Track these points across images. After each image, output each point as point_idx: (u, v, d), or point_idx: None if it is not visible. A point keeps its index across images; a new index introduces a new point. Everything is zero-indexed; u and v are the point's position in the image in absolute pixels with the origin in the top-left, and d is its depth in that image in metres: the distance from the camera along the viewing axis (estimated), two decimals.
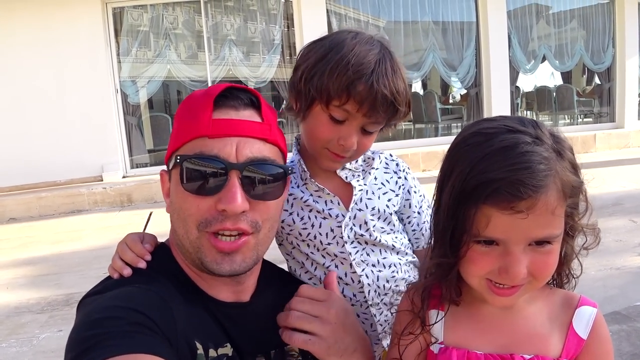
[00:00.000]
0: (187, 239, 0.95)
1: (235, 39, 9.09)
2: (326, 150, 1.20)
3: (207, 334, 0.94)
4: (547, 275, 0.86)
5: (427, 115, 11.33)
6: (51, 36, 7.87)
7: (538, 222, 0.79)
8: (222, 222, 0.92)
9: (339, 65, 1.11)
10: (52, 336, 3.45)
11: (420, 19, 9.65)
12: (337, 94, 1.11)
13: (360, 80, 1.10)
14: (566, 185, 0.80)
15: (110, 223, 6.64)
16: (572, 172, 0.82)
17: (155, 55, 8.76)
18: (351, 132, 1.16)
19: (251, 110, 0.99)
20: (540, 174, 0.77)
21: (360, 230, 1.27)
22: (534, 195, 0.77)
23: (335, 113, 1.14)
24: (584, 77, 12.90)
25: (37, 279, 4.66)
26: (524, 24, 10.14)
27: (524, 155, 0.78)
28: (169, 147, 1.00)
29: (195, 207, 0.92)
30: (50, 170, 7.89)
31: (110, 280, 0.97)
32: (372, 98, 1.11)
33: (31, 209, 7.32)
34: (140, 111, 9.00)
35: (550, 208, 0.79)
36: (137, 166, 8.84)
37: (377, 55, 1.14)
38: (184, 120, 0.98)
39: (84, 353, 0.75)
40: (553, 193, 0.79)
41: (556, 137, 0.84)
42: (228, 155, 0.92)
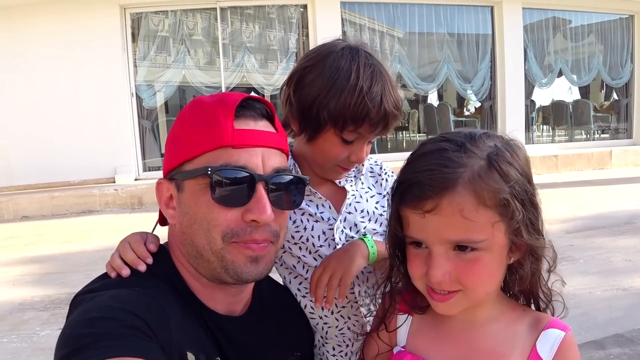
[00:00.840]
0: (209, 249, 0.94)
1: (251, 46, 9.17)
2: (337, 167, 1.26)
3: (200, 345, 0.94)
4: (475, 284, 0.84)
5: (441, 127, 11.28)
6: (70, 40, 8.04)
7: (447, 224, 0.80)
8: (251, 234, 0.93)
9: (353, 96, 1.15)
10: (52, 334, 3.49)
11: (436, 30, 9.65)
12: (353, 121, 1.17)
13: (374, 107, 1.16)
14: (486, 193, 0.80)
15: (119, 225, 6.71)
16: (499, 184, 0.80)
17: (172, 60, 8.87)
18: (362, 149, 1.23)
19: (266, 121, 1.00)
20: (442, 175, 0.80)
21: (351, 232, 1.30)
22: (434, 196, 0.80)
23: (349, 136, 1.20)
24: (602, 92, 12.75)
25: (44, 277, 4.72)
26: (540, 38, 10.08)
27: (433, 159, 0.83)
28: (176, 155, 0.97)
29: (222, 217, 0.92)
30: (65, 170, 8.03)
31: (108, 280, 0.96)
32: (384, 119, 1.18)
33: (44, 207, 7.44)
34: (154, 115, 9.12)
35: (458, 211, 0.79)
36: (150, 169, 8.94)
37: (378, 76, 1.19)
38: (198, 128, 0.95)
39: (77, 351, 0.74)
40: (463, 197, 0.79)
41: (498, 149, 0.84)
42: (255, 166, 0.93)
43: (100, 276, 0.99)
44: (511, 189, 0.81)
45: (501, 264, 0.86)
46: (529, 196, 0.84)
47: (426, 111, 12.34)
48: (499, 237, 0.82)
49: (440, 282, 0.83)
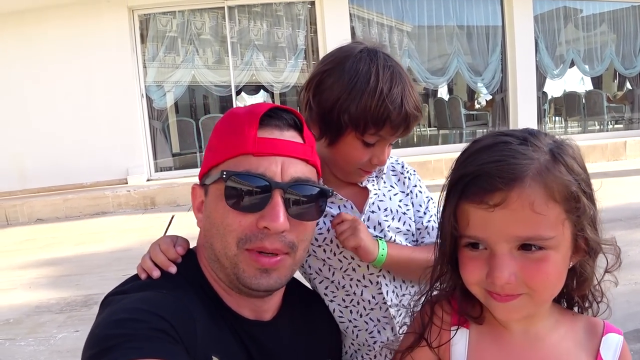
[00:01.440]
0: (224, 254, 0.95)
1: (260, 44, 9.16)
2: (359, 170, 1.26)
3: (226, 350, 0.94)
4: (543, 285, 0.78)
5: (452, 121, 11.20)
6: (80, 43, 8.09)
7: (516, 219, 0.75)
8: (262, 241, 0.92)
9: (373, 99, 1.15)
10: (69, 336, 3.51)
11: (445, 23, 9.56)
12: (375, 124, 1.17)
13: (395, 109, 1.16)
14: (556, 186, 0.75)
15: (132, 225, 6.74)
16: (568, 177, 0.77)
17: (181, 60, 8.90)
18: (383, 151, 1.23)
19: (294, 132, 1.00)
20: (512, 167, 0.75)
21: (375, 231, 1.29)
22: (504, 187, 0.75)
23: (370, 139, 1.20)
24: (615, 82, 12.58)
25: (59, 279, 4.76)
26: (551, 28, 9.94)
27: (498, 151, 0.78)
28: (207, 162, 1.00)
29: (237, 222, 0.93)
30: (77, 172, 8.10)
31: (137, 282, 0.97)
32: (405, 121, 1.18)
33: (57, 210, 7.50)
34: (165, 115, 9.15)
35: (528, 204, 0.74)
36: (162, 170, 8.98)
37: (397, 78, 1.19)
38: (227, 136, 0.98)
39: (105, 352, 0.76)
40: (533, 190, 0.75)
41: (559, 143, 0.81)
42: (273, 174, 0.93)
43: (130, 278, 1.01)
44: (578, 183, 0.78)
45: (566, 265, 0.81)
46: (591, 191, 0.80)
47: (437, 105, 12.26)
48: (567, 235, 0.79)
49: (505, 284, 0.78)
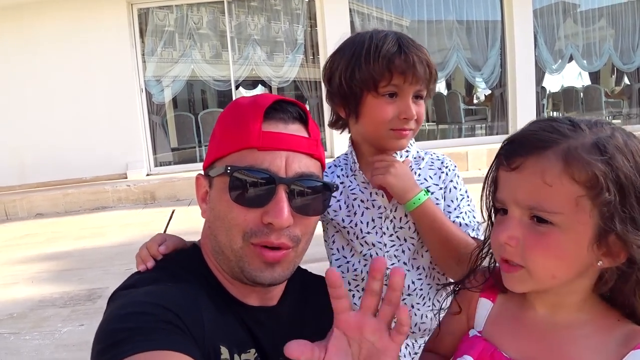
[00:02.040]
0: (229, 247, 0.95)
1: (259, 38, 9.14)
2: (391, 131, 1.25)
3: (233, 338, 0.94)
4: (537, 259, 0.78)
5: (451, 115, 11.20)
6: (79, 37, 8.05)
7: (526, 185, 0.78)
8: (267, 236, 0.92)
9: (370, 53, 1.21)
10: (74, 330, 3.53)
11: (444, 18, 9.55)
12: (381, 75, 1.20)
13: (394, 54, 1.20)
14: (578, 165, 0.74)
15: (133, 220, 6.75)
16: (597, 160, 0.74)
17: (180, 55, 8.87)
18: (407, 103, 1.23)
19: (299, 125, 0.99)
20: (540, 137, 0.78)
21: (400, 223, 1.32)
22: (524, 153, 0.78)
23: (385, 90, 1.23)
24: (613, 77, 12.59)
25: (61, 273, 4.77)
26: (550, 23, 9.94)
27: (540, 124, 0.81)
28: (211, 153, 1.00)
29: (242, 217, 0.93)
30: (77, 167, 8.09)
31: (143, 275, 0.98)
32: (410, 65, 1.20)
33: (57, 205, 7.49)
34: (164, 110, 9.13)
35: (540, 172, 0.76)
36: (161, 164, 8.97)
37: (395, 35, 1.26)
38: (231, 128, 0.97)
39: (114, 346, 0.77)
40: (550, 162, 0.76)
41: (615, 137, 0.78)
42: (278, 169, 0.92)
43: (135, 272, 1.02)
44: (609, 170, 0.74)
45: (579, 252, 0.77)
46: (636, 189, 0.75)
47: (435, 100, 12.25)
48: (583, 218, 0.76)
49: (503, 245, 0.80)
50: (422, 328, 1.35)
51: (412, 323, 1.34)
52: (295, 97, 9.91)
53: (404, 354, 1.35)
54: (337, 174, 1.40)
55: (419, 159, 1.38)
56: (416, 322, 1.34)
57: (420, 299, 1.33)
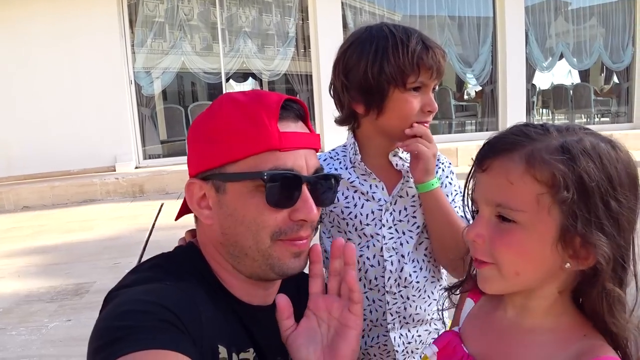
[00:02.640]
0: (256, 249, 0.96)
1: (250, 31, 9.08)
2: (414, 124, 1.28)
3: (232, 337, 0.95)
4: (502, 256, 0.80)
5: (441, 111, 11.20)
6: (68, 27, 7.92)
7: (493, 184, 0.82)
8: (298, 232, 0.96)
9: (398, 48, 1.23)
10: (61, 325, 3.49)
11: (436, 13, 9.56)
12: (411, 70, 1.23)
13: (422, 51, 1.23)
14: (539, 165, 0.77)
15: (121, 214, 6.69)
16: (559, 161, 0.76)
17: (170, 46, 8.78)
18: (430, 96, 1.28)
19: (302, 122, 1.01)
20: (507, 140, 0.83)
21: (400, 216, 1.35)
22: (492, 155, 0.83)
23: (413, 85, 1.25)
24: (602, 75, 12.69)
25: (48, 267, 4.71)
26: (541, 21, 9.99)
27: (512, 128, 0.86)
28: (216, 157, 0.96)
29: (272, 219, 0.94)
30: (64, 159, 7.98)
31: (140, 274, 0.96)
32: (436, 62, 1.24)
33: (44, 197, 7.40)
34: (153, 102, 9.05)
35: (504, 172, 0.80)
36: (150, 157, 8.89)
37: (409, 29, 1.28)
38: (243, 130, 0.94)
39: (112, 343, 0.76)
40: (514, 162, 0.80)
41: (583, 142, 0.79)
42: (301, 168, 0.95)
43: (130, 272, 1.00)
44: (570, 171, 0.76)
45: (542, 251, 0.79)
46: (601, 192, 0.76)
47: None
48: (544, 217, 0.78)
49: (472, 241, 0.85)
50: (416, 319, 1.38)
51: (407, 314, 1.37)
52: (286, 90, 9.88)
53: (398, 344, 1.37)
54: (334, 167, 1.40)
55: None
56: (411, 314, 1.37)
57: (416, 291, 1.36)
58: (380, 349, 1.39)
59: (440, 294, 1.41)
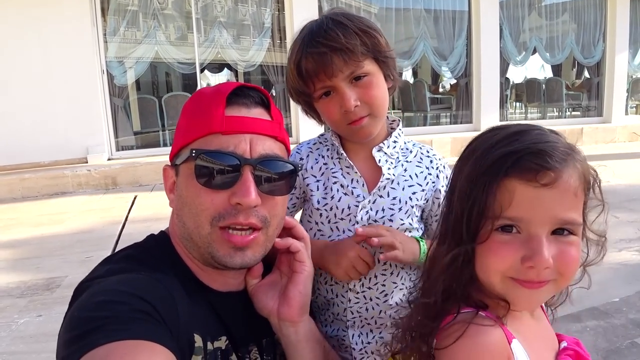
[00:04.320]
0: (197, 233, 0.96)
1: (225, 21, 8.97)
2: (348, 126, 1.23)
3: (206, 326, 0.95)
4: (571, 271, 0.78)
5: (417, 104, 11.32)
6: (37, 13, 7.67)
7: (562, 200, 0.75)
8: (235, 217, 0.94)
9: (289, 66, 1.24)
10: (31, 321, 3.42)
11: (412, 6, 9.60)
12: (304, 85, 1.21)
13: (300, 60, 1.19)
14: (586, 173, 0.78)
15: (94, 206, 6.57)
16: (587, 166, 0.80)
17: (143, 35, 8.61)
18: (343, 96, 1.19)
19: (261, 109, 1.02)
20: (561, 149, 0.77)
21: (376, 215, 1.28)
22: (559, 166, 0.75)
23: (319, 94, 1.22)
24: (574, 70, 12.95)
25: (18, 262, 4.60)
26: (515, 15, 10.13)
27: (542, 135, 0.79)
28: (177, 143, 1.01)
29: (209, 201, 0.94)
30: (35, 151, 7.77)
31: (113, 265, 0.96)
32: (318, 61, 1.17)
33: (14, 190, 7.21)
34: (126, 93, 8.88)
35: (573, 188, 0.76)
36: (123, 149, 8.73)
37: (304, 32, 1.23)
38: (195, 116, 0.99)
39: (87, 334, 0.75)
40: (575, 174, 0.76)
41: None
42: (243, 151, 0.95)
43: (101, 263, 0.99)
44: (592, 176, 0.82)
45: None
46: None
47: (401, 88, 12.34)
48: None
49: (546, 269, 0.75)
50: (379, 322, 1.33)
51: (369, 315, 1.32)
52: (262, 81, 9.81)
53: (356, 342, 1.33)
54: (322, 153, 1.36)
55: (406, 151, 1.35)
56: (373, 316, 1.32)
57: (381, 294, 1.31)
58: (338, 342, 1.35)
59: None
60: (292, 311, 1.03)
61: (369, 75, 1.21)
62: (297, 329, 1.04)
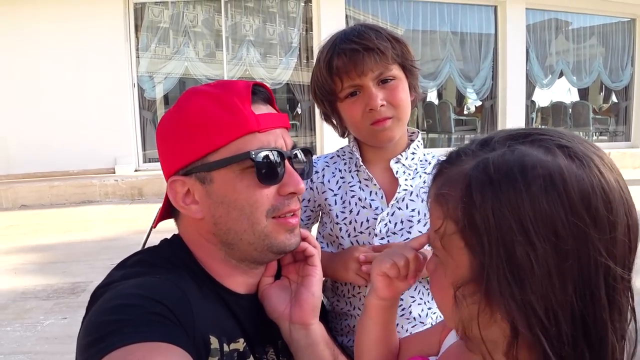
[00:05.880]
0: (252, 231, 0.98)
1: (254, 39, 9.14)
2: (371, 127, 1.23)
3: (222, 328, 0.96)
4: (431, 292, 0.78)
5: (441, 125, 11.28)
6: (74, 28, 7.97)
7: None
8: (289, 205, 1.00)
9: (317, 65, 1.26)
10: (56, 323, 3.49)
11: (439, 28, 9.65)
12: (332, 83, 1.23)
13: (331, 58, 1.21)
14: (441, 199, 0.71)
15: (119, 215, 6.70)
16: (459, 196, 0.65)
17: (174, 52, 8.84)
18: (370, 95, 1.20)
19: (269, 105, 1.04)
20: (439, 163, 0.76)
21: (395, 228, 1.28)
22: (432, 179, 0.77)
23: (346, 94, 1.24)
24: (601, 94, 12.80)
25: (45, 266, 4.71)
26: (542, 39, 10.10)
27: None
28: (194, 150, 0.96)
29: (265, 197, 0.97)
30: (65, 160, 7.99)
31: (128, 270, 0.96)
32: (350, 60, 1.19)
33: (43, 197, 7.41)
34: (155, 106, 9.08)
35: (430, 198, 0.74)
36: (150, 160, 8.90)
37: (337, 34, 1.25)
38: (218, 118, 0.95)
39: (104, 337, 0.76)
40: (432, 191, 0.74)
41: (491, 165, 0.63)
42: (282, 145, 1.00)
43: (116, 267, 1.00)
44: (462, 203, 0.63)
45: (448, 292, 0.69)
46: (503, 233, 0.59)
47: (426, 109, 12.35)
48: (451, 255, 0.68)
49: None
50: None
51: None
52: (287, 99, 9.96)
53: None
54: (339, 167, 1.37)
55: (425, 163, 1.35)
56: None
57: (398, 307, 1.28)
58: (354, 353, 1.35)
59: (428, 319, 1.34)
60: (304, 313, 1.05)
61: (396, 79, 1.23)
62: (308, 332, 1.05)
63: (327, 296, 1.42)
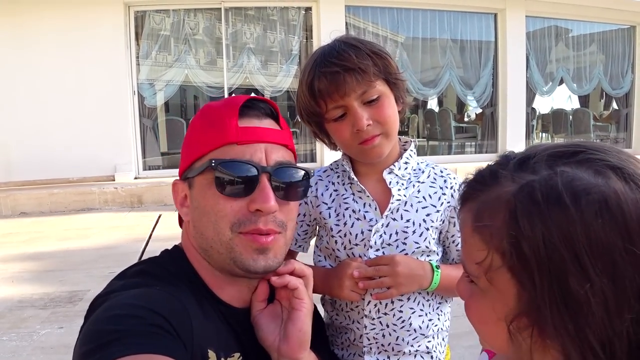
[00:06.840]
0: (218, 240, 0.97)
1: (254, 47, 9.16)
2: (360, 146, 1.22)
3: (220, 342, 0.95)
4: (470, 321, 0.75)
5: (442, 132, 11.29)
6: (75, 36, 7.99)
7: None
8: (255, 223, 0.96)
9: (300, 89, 1.24)
10: (53, 332, 3.47)
11: (439, 36, 9.66)
12: (317, 106, 1.21)
13: (313, 81, 1.19)
14: (483, 229, 0.67)
15: (119, 223, 6.68)
16: (506, 225, 0.61)
17: (174, 59, 8.85)
18: (356, 115, 1.18)
19: (271, 120, 1.04)
20: (467, 186, 0.73)
21: (390, 239, 1.27)
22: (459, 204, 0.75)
23: (332, 116, 1.21)
24: (602, 101, 12.81)
25: (42, 274, 4.69)
26: (542, 46, 10.11)
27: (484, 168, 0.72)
28: (188, 156, 1.02)
29: (228, 208, 0.96)
30: (64, 167, 7.98)
31: (128, 280, 0.97)
32: (332, 82, 1.17)
33: (42, 204, 7.39)
34: (156, 114, 9.08)
35: (463, 228, 0.71)
36: (150, 168, 8.90)
37: (317, 54, 1.23)
38: (207, 129, 1.00)
39: (102, 347, 0.76)
40: (467, 219, 0.70)
41: (543, 186, 0.59)
42: (259, 159, 0.97)
43: (116, 277, 1.00)
44: (512, 232, 0.59)
45: (496, 323, 0.67)
46: (556, 263, 0.56)
47: (427, 116, 12.37)
48: (495, 286, 0.64)
49: None
50: (396, 349, 1.31)
51: (385, 342, 1.30)
52: (288, 107, 9.94)
53: None
54: (332, 180, 1.36)
55: (418, 172, 1.33)
56: (390, 342, 1.30)
57: (398, 320, 1.29)
58: None
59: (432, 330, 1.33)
60: (291, 349, 1.02)
61: (381, 96, 1.21)
62: None
63: (326, 310, 1.41)
